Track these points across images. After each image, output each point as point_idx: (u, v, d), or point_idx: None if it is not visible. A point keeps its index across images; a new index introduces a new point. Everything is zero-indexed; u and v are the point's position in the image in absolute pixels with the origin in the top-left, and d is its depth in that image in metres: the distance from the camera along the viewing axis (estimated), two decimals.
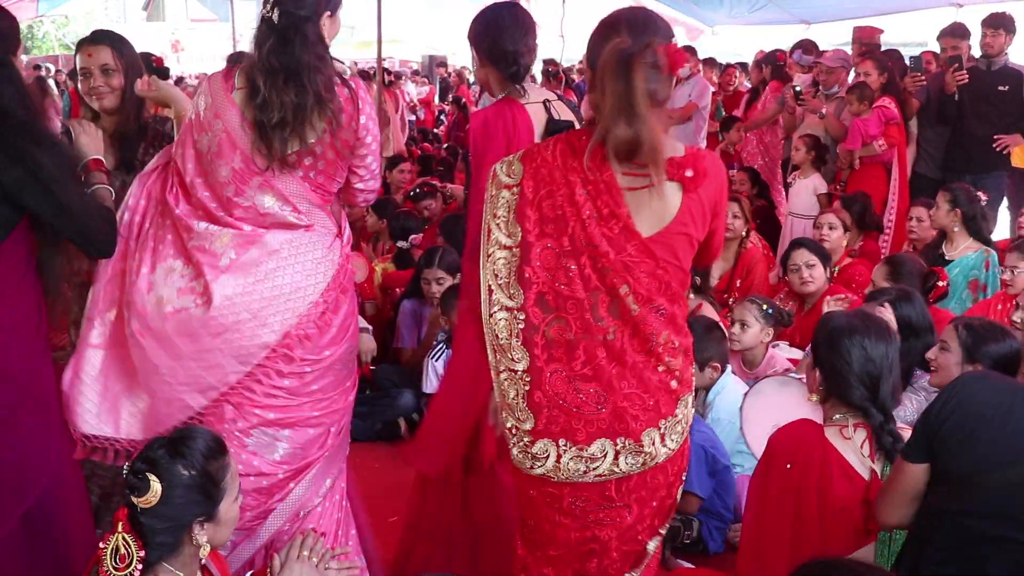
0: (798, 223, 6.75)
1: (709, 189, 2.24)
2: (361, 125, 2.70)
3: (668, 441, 2.30)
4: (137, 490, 2.09)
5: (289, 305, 2.67)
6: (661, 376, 2.27)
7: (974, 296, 4.92)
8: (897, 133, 6.55)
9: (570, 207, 2.23)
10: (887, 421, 2.60)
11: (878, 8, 10.62)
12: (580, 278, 2.24)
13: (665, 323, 2.25)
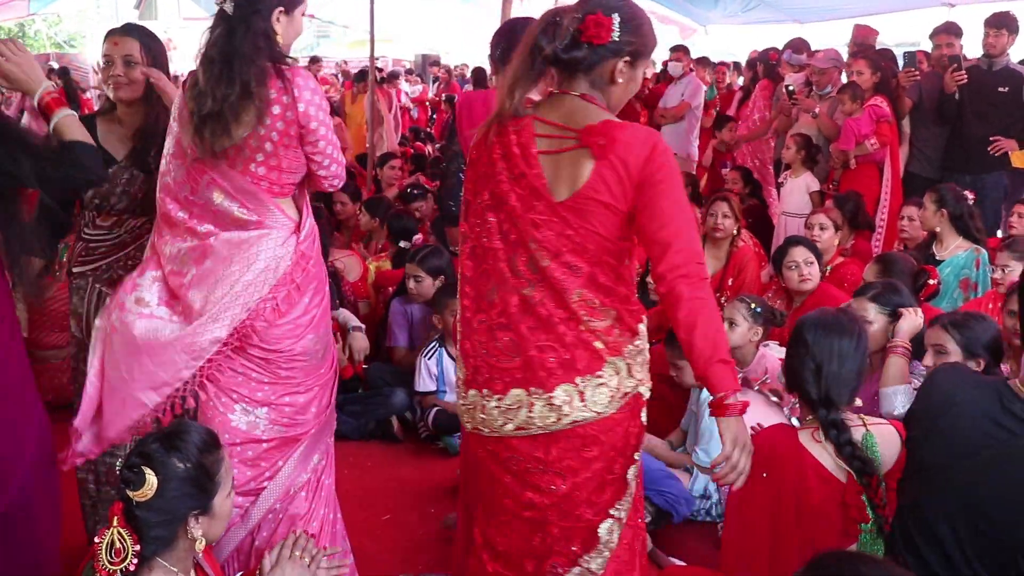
0: (791, 222, 6.77)
1: (628, 159, 2.26)
2: (301, 113, 2.69)
3: (590, 403, 2.33)
4: (132, 484, 2.10)
5: (239, 301, 2.72)
6: (581, 333, 2.33)
7: (965, 295, 4.94)
8: (889, 131, 6.56)
9: (492, 166, 2.41)
10: (831, 414, 2.58)
11: (870, 7, 10.64)
12: (498, 232, 2.40)
13: (581, 282, 2.32)
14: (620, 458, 2.42)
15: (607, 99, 2.42)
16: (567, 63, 2.35)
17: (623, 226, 2.32)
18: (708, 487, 4.02)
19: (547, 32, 2.33)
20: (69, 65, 12.55)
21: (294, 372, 2.85)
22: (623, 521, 2.46)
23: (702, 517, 4.02)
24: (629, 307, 2.40)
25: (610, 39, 2.31)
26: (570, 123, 2.32)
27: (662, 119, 9.33)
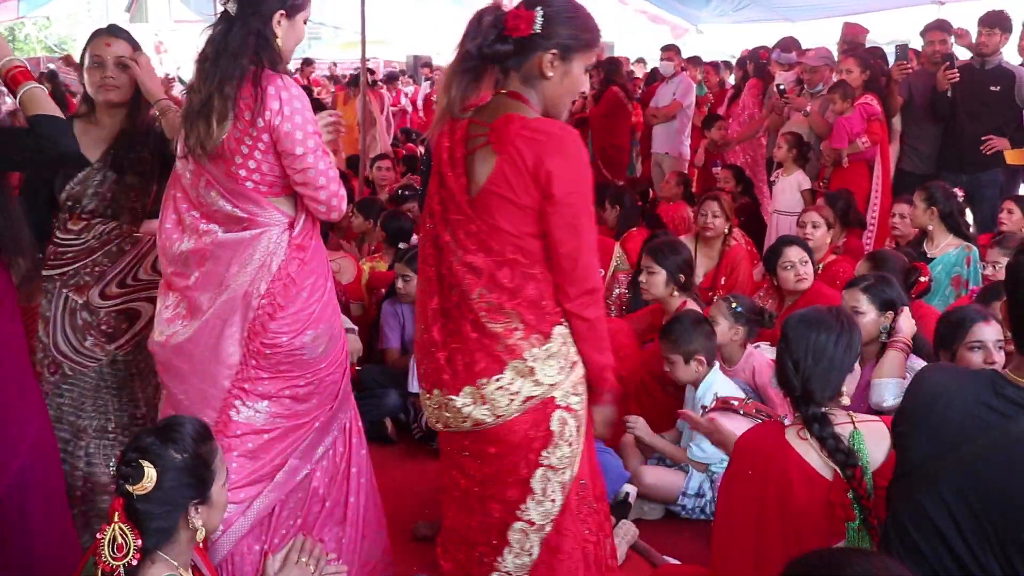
0: (783, 220, 6.78)
1: (525, 152, 2.28)
2: (267, 122, 2.66)
3: (490, 405, 2.40)
4: (131, 478, 2.12)
5: (246, 301, 2.78)
6: (482, 336, 2.38)
7: (956, 292, 4.95)
8: (879, 129, 6.57)
9: (433, 170, 2.50)
10: (810, 408, 2.58)
11: (860, 5, 10.66)
12: (431, 237, 2.49)
13: (483, 282, 2.36)
14: (522, 462, 2.44)
15: (542, 96, 2.42)
16: (492, 58, 2.38)
17: (532, 222, 2.34)
18: (703, 485, 4.03)
19: (472, 30, 2.37)
20: (60, 69, 12.50)
21: (293, 366, 2.86)
22: (537, 524, 2.48)
23: (697, 515, 4.03)
24: (540, 310, 2.40)
25: (531, 32, 2.32)
26: (490, 119, 2.37)
27: (653, 119, 9.34)
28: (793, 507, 2.56)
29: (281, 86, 2.68)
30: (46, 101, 2.61)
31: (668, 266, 4.59)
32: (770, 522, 2.59)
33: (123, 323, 3.22)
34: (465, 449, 2.50)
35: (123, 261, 3.19)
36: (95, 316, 3.18)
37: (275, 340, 2.81)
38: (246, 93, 2.65)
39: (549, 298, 2.40)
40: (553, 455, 2.45)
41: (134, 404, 3.28)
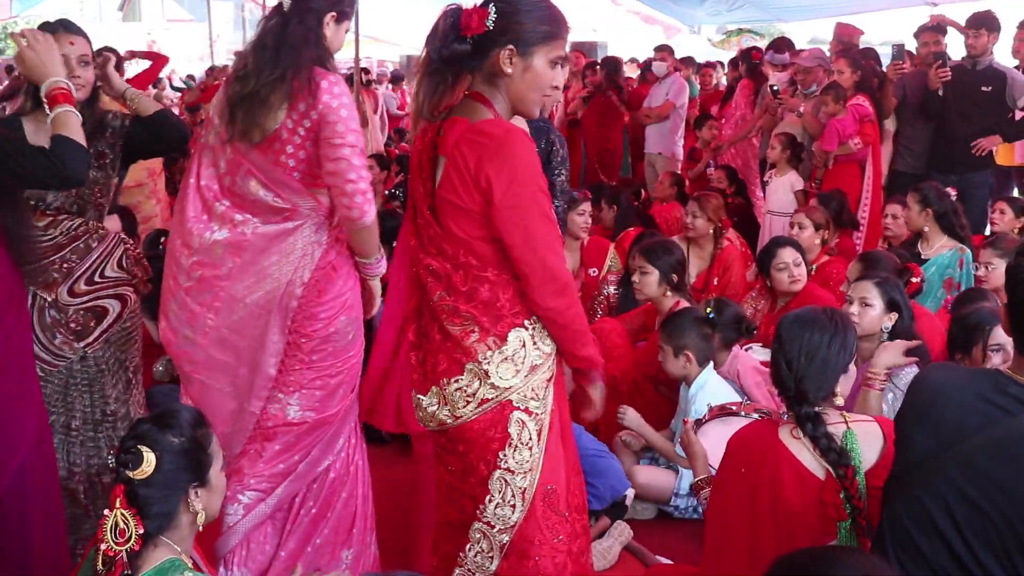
0: (776, 220, 6.78)
1: (469, 159, 2.29)
2: (319, 116, 2.76)
3: (450, 406, 2.43)
4: (131, 464, 2.15)
5: (289, 291, 2.88)
6: (444, 339, 2.42)
7: (948, 294, 4.96)
8: (871, 131, 6.59)
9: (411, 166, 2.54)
10: (803, 407, 2.57)
11: (853, 6, 10.69)
12: (415, 237, 2.50)
13: (441, 286, 2.40)
14: (482, 461, 2.46)
15: (506, 93, 2.41)
16: (450, 59, 2.37)
17: (479, 225, 2.34)
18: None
19: (433, 33, 2.38)
20: None
21: (326, 355, 2.97)
22: (496, 528, 2.47)
23: (689, 515, 4.03)
24: (495, 313, 2.39)
25: (485, 28, 2.31)
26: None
27: (646, 119, 9.34)
28: (785, 506, 2.55)
29: (333, 82, 2.79)
30: (73, 125, 2.65)
31: (661, 266, 4.59)
32: (763, 521, 2.59)
33: (91, 320, 3.21)
34: (442, 446, 2.55)
35: (91, 258, 3.18)
36: (63, 314, 3.16)
37: (313, 327, 2.93)
38: (301, 86, 2.75)
39: (505, 301, 2.40)
40: (511, 458, 2.44)
41: (104, 401, 3.27)
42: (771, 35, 13.20)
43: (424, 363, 2.49)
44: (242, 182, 2.85)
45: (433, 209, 2.41)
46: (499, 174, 2.27)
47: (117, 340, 3.30)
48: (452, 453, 2.51)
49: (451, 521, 2.57)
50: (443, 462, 2.57)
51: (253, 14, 17.59)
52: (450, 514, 2.57)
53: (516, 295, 2.41)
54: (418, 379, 2.51)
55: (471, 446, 2.45)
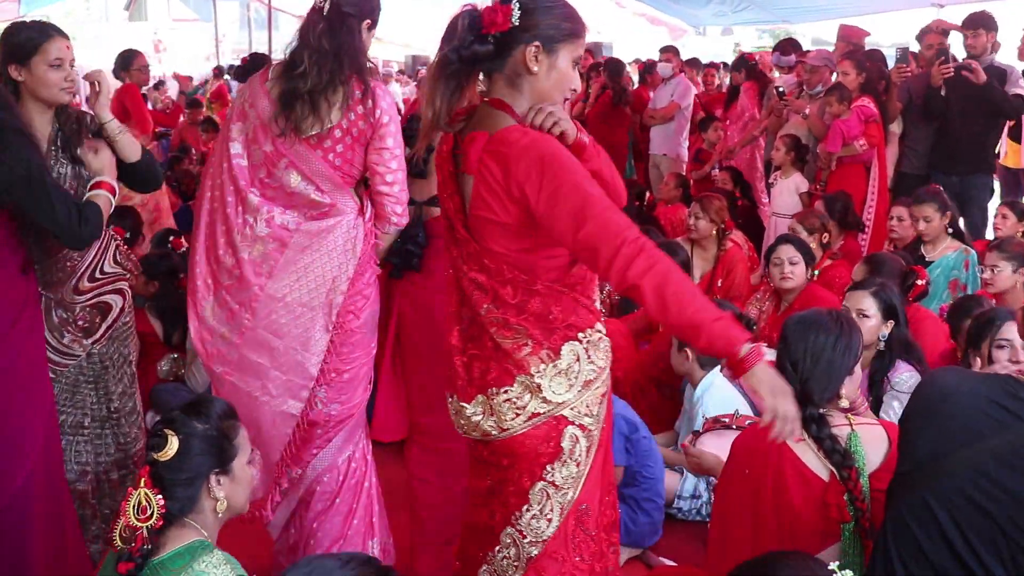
0: (781, 223, 6.76)
1: (495, 171, 2.19)
2: (376, 120, 2.93)
3: (497, 417, 2.31)
4: (157, 447, 2.23)
5: (334, 286, 3.01)
6: (496, 349, 2.31)
7: (953, 296, 4.95)
8: (876, 132, 6.58)
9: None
10: (807, 408, 2.54)
11: (859, 8, 10.67)
12: (448, 235, 2.42)
13: (488, 299, 2.29)
14: (527, 473, 2.35)
15: (531, 94, 2.28)
16: (472, 60, 2.24)
17: (519, 238, 2.24)
18: (698, 487, 4.02)
19: (450, 33, 2.26)
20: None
21: (352, 348, 3.10)
22: (528, 539, 2.37)
23: (693, 517, 4.02)
24: (548, 324, 2.29)
25: (510, 25, 2.20)
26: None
27: (651, 120, 9.34)
28: (788, 507, 2.55)
29: (385, 91, 2.98)
30: (104, 209, 3.00)
31: None
32: (766, 522, 2.59)
33: (97, 317, 3.22)
34: (483, 458, 2.44)
35: (90, 255, 3.18)
36: (70, 312, 3.16)
37: (346, 321, 3.06)
38: (363, 91, 2.91)
39: (558, 313, 2.29)
40: (558, 472, 2.34)
41: (108, 398, 3.28)
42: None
43: (470, 368, 2.37)
44: (282, 174, 2.95)
45: (467, 226, 2.30)
46: (528, 178, 2.15)
47: (119, 335, 3.32)
48: (493, 466, 2.41)
49: (479, 525, 2.49)
50: (481, 472, 2.46)
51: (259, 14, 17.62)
52: (479, 519, 2.49)
53: (569, 306, 2.30)
54: (462, 385, 2.37)
55: (517, 459, 2.34)
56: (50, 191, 2.76)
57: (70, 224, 2.79)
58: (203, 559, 2.17)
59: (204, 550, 2.21)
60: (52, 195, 2.76)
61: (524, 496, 2.36)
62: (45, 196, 2.74)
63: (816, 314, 2.73)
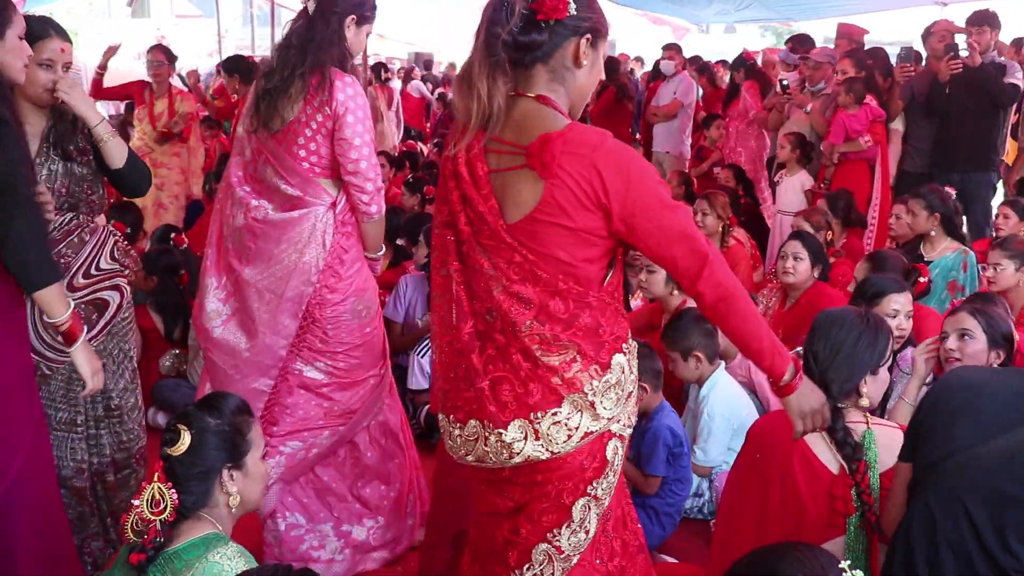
0: (786, 220, 6.76)
1: (578, 176, 2.05)
2: (332, 111, 3.01)
3: (544, 441, 2.16)
4: (169, 441, 2.27)
5: (303, 276, 3.12)
6: (536, 367, 2.15)
7: (952, 297, 4.94)
8: (881, 130, 6.57)
9: (446, 183, 2.24)
10: (836, 410, 2.55)
11: (862, 6, 10.66)
12: (456, 252, 2.23)
13: (532, 314, 2.13)
14: (568, 489, 2.24)
15: (571, 90, 2.20)
16: (526, 48, 2.11)
17: (589, 246, 2.13)
18: (700, 486, 4.02)
19: (498, 17, 2.09)
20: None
21: (339, 334, 3.23)
22: (565, 554, 2.28)
23: (694, 515, 4.03)
24: (597, 339, 2.18)
25: (568, 14, 2.09)
26: (520, 137, 2.12)
27: (654, 117, 9.34)
28: (795, 496, 2.57)
29: (348, 82, 3.04)
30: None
31: None
32: (772, 509, 2.60)
33: (93, 313, 3.19)
34: (505, 477, 2.28)
35: (85, 251, 3.15)
36: None
37: (323, 313, 3.18)
38: (319, 82, 2.99)
39: (606, 325, 2.19)
40: (601, 485, 2.27)
41: (107, 396, 3.24)
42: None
43: (497, 392, 2.18)
44: (262, 169, 3.12)
45: (512, 232, 2.13)
46: (613, 183, 2.05)
47: (118, 331, 3.30)
48: (520, 485, 2.26)
49: (497, 543, 2.36)
50: (499, 492, 2.32)
51: (262, 10, 17.61)
52: (497, 537, 2.36)
53: (612, 317, 2.21)
54: (494, 411, 2.18)
55: (554, 476, 2.22)
56: (21, 206, 2.58)
57: (27, 259, 2.61)
58: (217, 551, 2.18)
59: (219, 542, 2.22)
60: (18, 215, 2.57)
61: (565, 512, 2.26)
62: (11, 211, 2.56)
63: (844, 310, 2.76)
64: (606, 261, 2.20)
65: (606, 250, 2.17)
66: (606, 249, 2.17)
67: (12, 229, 2.56)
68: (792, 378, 2.24)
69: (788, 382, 2.24)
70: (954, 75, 6.29)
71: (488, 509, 2.38)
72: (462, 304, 2.21)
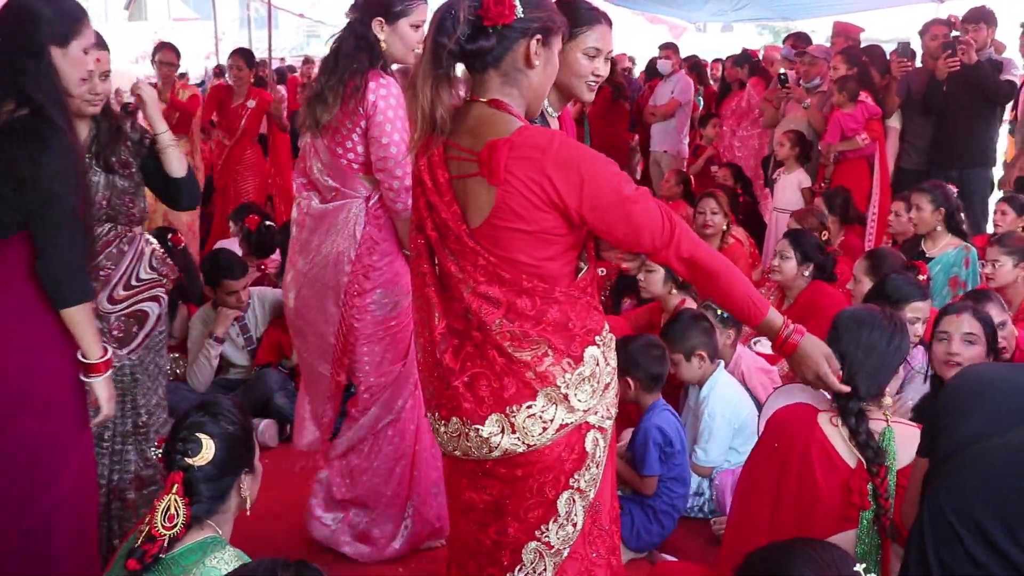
0: (782, 218, 6.76)
1: (527, 179, 2.08)
2: (366, 112, 3.14)
3: (520, 434, 2.19)
4: (190, 452, 2.21)
5: (338, 267, 3.30)
6: (510, 363, 2.18)
7: (953, 293, 4.94)
8: (877, 128, 6.58)
9: (415, 186, 2.29)
10: (853, 401, 2.58)
11: (859, 4, 10.66)
12: (426, 254, 2.28)
13: (500, 312, 2.17)
14: (550, 483, 2.26)
15: (526, 91, 2.22)
16: (474, 55, 2.14)
17: (548, 245, 2.16)
18: (701, 484, 4.02)
19: (445, 26, 2.11)
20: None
21: (365, 324, 3.35)
22: (555, 548, 2.29)
23: (695, 514, 4.02)
24: (567, 333, 2.21)
25: (515, 17, 2.11)
26: (475, 143, 2.14)
27: (652, 117, 9.34)
28: (811, 486, 2.57)
29: (380, 84, 3.16)
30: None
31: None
32: (787, 499, 2.60)
33: (133, 326, 3.14)
34: (487, 472, 2.29)
35: (124, 262, 3.10)
36: (106, 322, 3.06)
37: (354, 301, 3.32)
38: (353, 85, 3.14)
39: (575, 318, 2.22)
40: (583, 478, 2.29)
41: (136, 412, 3.18)
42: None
43: (474, 388, 2.22)
44: (312, 162, 3.34)
45: (475, 236, 2.17)
46: (567, 181, 2.08)
47: (154, 345, 3.24)
48: (500, 479, 2.28)
49: (475, 542, 2.37)
50: (480, 487, 2.32)
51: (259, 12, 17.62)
52: (478, 536, 2.36)
53: (584, 311, 2.24)
54: (470, 407, 2.22)
55: (534, 469, 2.24)
56: (67, 218, 2.57)
57: (60, 275, 2.59)
58: (215, 555, 2.16)
59: (216, 546, 2.19)
60: (64, 226, 2.57)
61: (550, 507, 2.27)
62: (57, 221, 2.56)
63: (868, 312, 2.75)
64: (571, 256, 2.24)
65: (567, 246, 2.21)
66: (567, 246, 2.20)
67: (54, 241, 2.55)
68: (784, 331, 2.33)
69: (787, 338, 2.34)
70: (951, 72, 6.28)
71: (463, 507, 2.40)
72: (433, 305, 2.26)
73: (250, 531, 2.48)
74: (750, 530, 2.68)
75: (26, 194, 2.51)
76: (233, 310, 5.03)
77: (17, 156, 2.50)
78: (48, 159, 2.52)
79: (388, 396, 3.46)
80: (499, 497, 2.30)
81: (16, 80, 2.56)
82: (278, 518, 3.84)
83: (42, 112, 2.54)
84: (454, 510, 2.49)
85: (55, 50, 2.63)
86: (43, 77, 2.57)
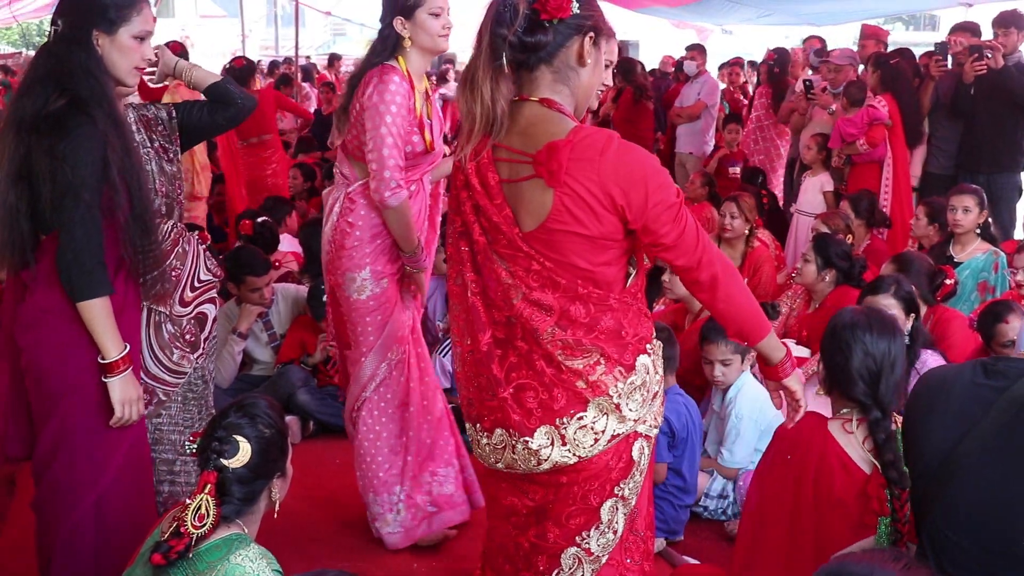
0: (803, 220, 6.75)
1: (587, 183, 2.04)
2: (359, 99, 3.25)
3: (571, 445, 2.16)
4: (226, 453, 2.20)
5: (326, 248, 3.48)
6: (560, 372, 2.14)
7: (982, 297, 4.90)
8: (879, 133, 6.54)
9: (459, 193, 2.23)
10: (884, 417, 2.57)
11: (887, 10, 10.60)
12: (471, 262, 2.22)
13: (553, 320, 2.12)
14: (595, 491, 2.23)
15: (576, 90, 2.18)
16: (531, 48, 2.09)
17: (606, 250, 2.12)
18: (726, 487, 4.00)
19: (503, 18, 2.07)
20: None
21: (335, 301, 3.52)
22: (595, 555, 2.28)
23: (718, 516, 4.01)
24: (620, 340, 2.17)
25: (571, 12, 2.08)
26: (527, 144, 2.10)
27: (678, 118, 9.32)
28: (828, 495, 2.55)
29: (377, 76, 3.20)
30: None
31: None
32: (805, 509, 2.57)
33: (198, 329, 3.00)
34: (531, 479, 2.25)
35: (188, 261, 2.95)
36: (178, 326, 2.91)
37: (329, 279, 3.49)
38: (367, 81, 3.24)
39: (628, 326, 2.18)
40: (628, 486, 2.26)
41: (202, 421, 3.02)
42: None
43: (521, 399, 2.17)
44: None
45: (528, 240, 2.12)
46: (631, 187, 2.05)
47: (210, 350, 3.11)
48: (543, 485, 2.25)
49: (514, 545, 2.35)
50: (522, 492, 2.29)
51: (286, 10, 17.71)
52: (520, 541, 2.33)
53: (635, 317, 2.20)
54: (518, 419, 2.17)
55: (579, 477, 2.20)
56: (82, 212, 2.51)
57: (72, 269, 2.54)
58: (240, 552, 2.15)
59: (241, 543, 2.18)
60: (77, 220, 2.52)
61: (593, 514, 2.25)
62: (71, 214, 2.51)
63: (880, 319, 2.72)
64: (624, 261, 2.19)
65: (622, 251, 2.17)
66: (622, 250, 2.17)
67: (70, 233, 2.51)
68: (780, 360, 2.34)
69: (778, 362, 2.34)
70: (979, 76, 6.23)
71: (504, 512, 2.37)
72: (479, 314, 2.20)
73: (272, 526, 2.48)
74: (767, 543, 2.66)
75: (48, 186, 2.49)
76: (257, 306, 5.04)
77: (41, 147, 2.49)
78: (65, 149, 2.47)
79: (355, 377, 3.57)
80: (542, 502, 2.27)
81: (61, 70, 2.53)
82: (296, 514, 3.85)
83: (78, 103, 2.50)
84: (492, 514, 2.45)
85: (103, 38, 2.59)
86: (87, 68, 2.53)
